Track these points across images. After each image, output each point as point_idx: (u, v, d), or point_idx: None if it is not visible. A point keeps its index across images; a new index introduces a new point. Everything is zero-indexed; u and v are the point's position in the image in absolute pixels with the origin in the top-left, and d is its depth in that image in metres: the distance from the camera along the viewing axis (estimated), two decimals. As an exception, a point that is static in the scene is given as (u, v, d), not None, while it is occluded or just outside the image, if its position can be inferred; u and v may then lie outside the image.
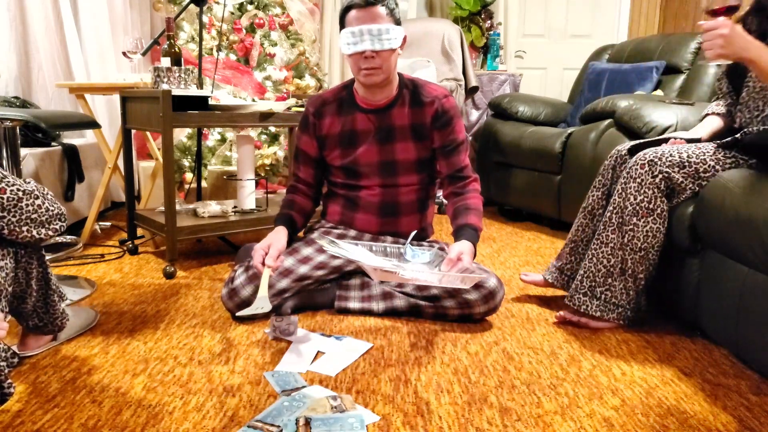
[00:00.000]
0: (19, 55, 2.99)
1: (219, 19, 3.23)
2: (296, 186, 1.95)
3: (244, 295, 1.73)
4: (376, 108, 1.84)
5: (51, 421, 1.20)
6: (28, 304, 1.41)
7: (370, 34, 1.68)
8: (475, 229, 1.74)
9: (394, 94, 1.84)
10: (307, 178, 1.94)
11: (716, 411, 1.29)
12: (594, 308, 1.71)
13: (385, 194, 1.87)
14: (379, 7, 1.70)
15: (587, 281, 1.72)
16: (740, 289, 1.44)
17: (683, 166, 1.60)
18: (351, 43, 1.69)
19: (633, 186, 1.62)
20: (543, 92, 4.73)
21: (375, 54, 1.70)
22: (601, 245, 1.69)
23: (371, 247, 1.76)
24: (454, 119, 1.84)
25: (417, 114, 1.84)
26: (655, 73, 3.10)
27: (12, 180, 1.27)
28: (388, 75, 1.76)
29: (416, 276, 1.50)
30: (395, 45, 1.71)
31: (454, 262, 1.59)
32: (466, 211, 1.79)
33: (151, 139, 3.12)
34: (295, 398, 1.29)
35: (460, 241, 1.69)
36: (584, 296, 1.72)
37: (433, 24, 3.95)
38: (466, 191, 1.85)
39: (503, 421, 1.23)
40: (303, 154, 1.93)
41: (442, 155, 1.87)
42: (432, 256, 1.75)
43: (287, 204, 1.92)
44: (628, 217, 1.63)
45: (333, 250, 1.60)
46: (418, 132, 1.84)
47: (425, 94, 1.84)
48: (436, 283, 1.54)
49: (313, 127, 1.89)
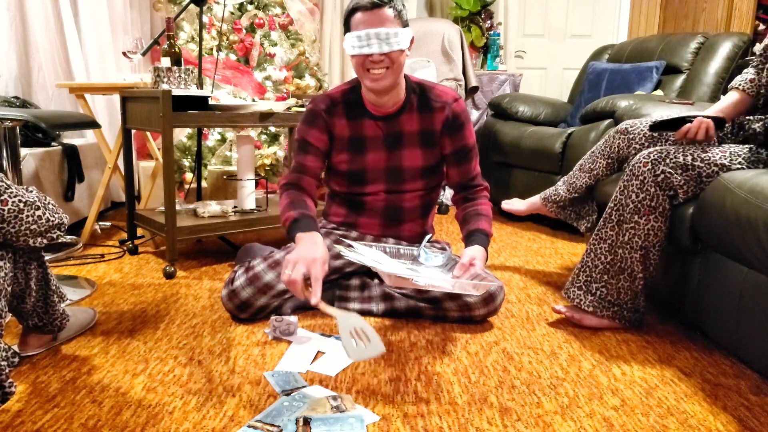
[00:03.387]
0: (19, 55, 2.99)
1: (219, 19, 3.23)
2: (301, 178, 1.75)
3: (244, 297, 1.73)
4: (385, 115, 1.77)
5: (51, 421, 1.20)
6: (28, 304, 1.42)
7: (377, 38, 1.59)
8: (487, 235, 1.72)
9: (403, 99, 1.77)
10: (315, 168, 1.77)
11: (716, 411, 1.29)
12: (588, 303, 1.71)
13: (389, 199, 1.83)
14: (386, 9, 1.60)
15: (583, 275, 1.72)
16: (740, 290, 1.44)
17: (686, 169, 1.58)
18: (357, 46, 1.61)
19: (635, 183, 1.61)
20: (543, 92, 4.73)
21: (384, 56, 1.61)
22: (600, 241, 1.69)
23: (385, 249, 1.74)
24: (465, 124, 1.79)
25: (426, 120, 1.78)
26: (655, 73, 3.10)
27: (15, 191, 1.27)
28: (396, 78, 1.67)
29: (431, 282, 1.47)
30: (404, 46, 1.63)
31: (467, 267, 1.58)
32: (478, 216, 1.77)
33: (151, 139, 3.12)
34: (295, 398, 1.29)
35: (473, 246, 1.66)
36: (579, 290, 1.73)
37: (433, 24, 3.95)
38: (476, 197, 1.83)
39: (503, 421, 1.23)
40: (312, 147, 1.77)
41: (453, 163, 1.82)
42: (445, 259, 1.74)
43: (304, 204, 1.66)
44: (629, 214, 1.62)
45: (351, 256, 1.53)
46: (427, 138, 1.79)
47: (434, 99, 1.78)
48: (450, 289, 1.52)
49: (324, 123, 1.77)
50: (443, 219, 3.40)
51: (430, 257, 1.74)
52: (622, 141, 1.94)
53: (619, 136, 1.95)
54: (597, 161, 2.04)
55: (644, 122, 1.91)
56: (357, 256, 1.52)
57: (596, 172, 2.05)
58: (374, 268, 1.47)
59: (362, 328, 1.25)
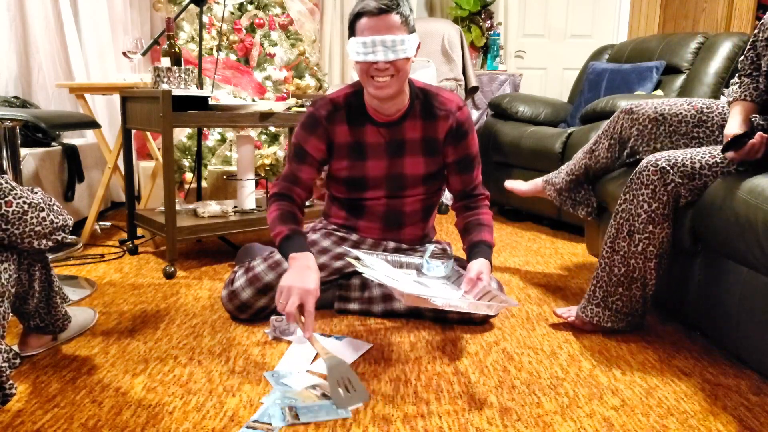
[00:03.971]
0: (19, 55, 2.99)
1: (219, 19, 3.23)
2: (292, 190, 1.74)
3: (244, 298, 1.73)
4: (388, 122, 1.75)
5: (51, 421, 1.20)
6: (31, 305, 1.42)
7: (383, 45, 1.55)
8: (490, 246, 1.72)
9: (406, 105, 1.73)
10: (308, 180, 1.76)
11: (716, 411, 1.29)
12: (606, 319, 1.68)
13: (390, 204, 1.82)
14: (393, 15, 1.55)
15: (600, 291, 1.68)
16: (740, 290, 1.44)
17: (693, 178, 1.56)
18: (362, 52, 1.56)
19: (646, 193, 1.57)
20: (543, 92, 4.73)
21: (389, 64, 1.57)
22: (613, 254, 1.64)
23: (386, 258, 1.74)
24: (469, 133, 1.77)
25: (429, 127, 1.76)
26: (655, 73, 3.10)
27: (19, 192, 1.26)
28: (401, 85, 1.63)
29: (447, 302, 1.46)
30: (410, 54, 1.58)
31: (474, 282, 1.57)
32: (480, 227, 1.76)
33: (151, 139, 3.13)
34: (283, 390, 1.29)
35: (477, 259, 1.65)
36: (597, 307, 1.68)
37: (433, 24, 3.95)
38: (478, 206, 1.82)
39: (503, 421, 1.23)
40: (309, 156, 1.74)
41: (455, 171, 1.80)
42: (448, 270, 1.74)
43: (295, 219, 1.66)
44: (641, 224, 1.58)
45: (366, 273, 1.50)
46: (429, 146, 1.77)
47: (438, 106, 1.75)
48: (466, 309, 1.50)
49: (324, 131, 1.74)
50: (443, 219, 3.40)
51: (433, 268, 1.74)
52: (625, 121, 1.91)
53: (623, 116, 1.92)
54: (599, 141, 2.02)
55: (650, 104, 1.88)
56: (371, 273, 1.50)
57: (597, 152, 2.02)
58: (388, 285, 1.45)
59: (349, 377, 1.31)
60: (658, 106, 1.84)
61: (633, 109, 1.90)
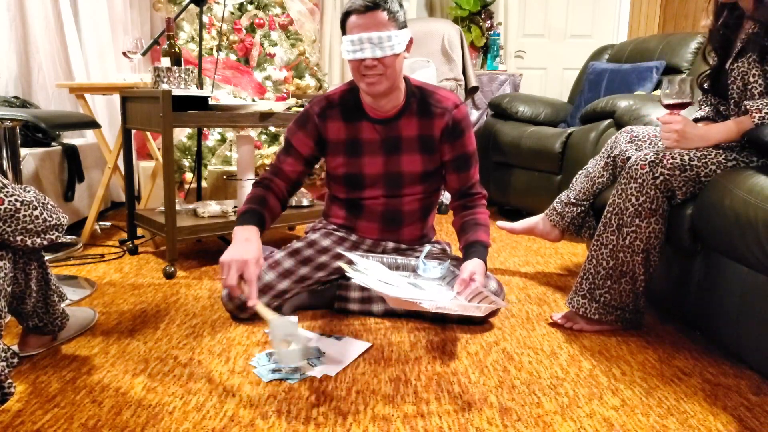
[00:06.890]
0: (19, 55, 2.99)
1: (219, 19, 3.23)
2: (272, 180, 1.78)
3: (243, 297, 1.73)
4: (384, 118, 1.76)
5: (51, 421, 1.20)
6: (28, 305, 1.41)
7: (370, 42, 1.57)
8: (485, 246, 1.72)
9: (402, 103, 1.74)
10: (291, 173, 1.80)
11: (716, 411, 1.29)
12: (593, 311, 1.69)
13: (388, 203, 1.82)
14: (380, 12, 1.57)
15: (586, 283, 1.70)
16: (740, 290, 1.44)
17: (684, 170, 1.57)
18: (351, 50, 1.59)
19: (634, 186, 1.60)
20: (543, 92, 4.73)
21: (377, 62, 1.59)
22: (601, 247, 1.67)
23: (382, 260, 1.74)
24: (466, 131, 1.77)
25: (426, 125, 1.76)
26: (655, 73, 3.10)
27: (11, 190, 1.26)
28: (393, 82, 1.65)
29: (436, 305, 1.47)
30: (399, 50, 1.60)
31: (467, 283, 1.57)
32: (476, 226, 1.76)
33: (151, 139, 3.13)
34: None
35: (472, 259, 1.65)
36: (583, 298, 1.71)
37: (433, 24, 3.95)
38: (474, 205, 1.83)
39: (503, 421, 1.23)
40: (294, 150, 1.80)
41: (453, 169, 1.81)
42: (443, 271, 1.74)
43: (258, 200, 1.71)
44: (629, 218, 1.61)
45: (357, 278, 1.49)
46: (425, 144, 1.77)
47: (434, 104, 1.75)
48: (455, 311, 1.52)
49: (315, 127, 1.77)
50: (443, 219, 3.40)
51: (428, 269, 1.74)
52: (624, 140, 1.95)
53: (622, 135, 1.97)
54: (596, 162, 2.06)
55: (651, 129, 1.94)
56: (361, 277, 1.50)
57: (594, 173, 2.05)
58: (379, 292, 1.46)
59: (293, 333, 1.37)
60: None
61: (633, 130, 1.96)
